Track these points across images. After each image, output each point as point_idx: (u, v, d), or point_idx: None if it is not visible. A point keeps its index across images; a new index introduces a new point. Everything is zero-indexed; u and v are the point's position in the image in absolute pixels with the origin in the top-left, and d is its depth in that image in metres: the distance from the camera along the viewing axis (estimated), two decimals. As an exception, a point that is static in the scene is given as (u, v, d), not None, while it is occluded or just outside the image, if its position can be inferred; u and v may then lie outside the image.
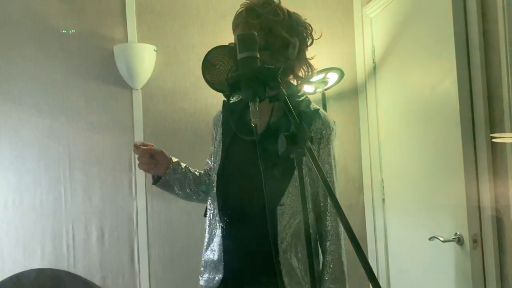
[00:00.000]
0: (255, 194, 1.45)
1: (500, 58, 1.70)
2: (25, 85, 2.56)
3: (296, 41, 1.49)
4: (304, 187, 1.06)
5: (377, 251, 2.60)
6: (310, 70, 1.58)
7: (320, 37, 1.59)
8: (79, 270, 2.52)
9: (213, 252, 1.55)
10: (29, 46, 2.57)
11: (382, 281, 2.54)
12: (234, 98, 1.47)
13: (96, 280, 2.53)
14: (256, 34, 1.16)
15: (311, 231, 1.46)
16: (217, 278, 1.52)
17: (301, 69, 1.56)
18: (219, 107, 1.68)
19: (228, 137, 1.57)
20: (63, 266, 2.51)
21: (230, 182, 1.54)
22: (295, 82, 1.58)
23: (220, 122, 1.61)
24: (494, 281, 1.75)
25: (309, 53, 1.59)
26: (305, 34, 1.55)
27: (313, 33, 1.57)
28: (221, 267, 1.51)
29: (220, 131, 1.61)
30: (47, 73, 2.57)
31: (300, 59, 1.54)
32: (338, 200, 1.00)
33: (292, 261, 1.47)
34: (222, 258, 1.51)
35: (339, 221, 1.51)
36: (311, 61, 1.60)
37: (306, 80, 1.59)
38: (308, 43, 1.56)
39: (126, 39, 2.60)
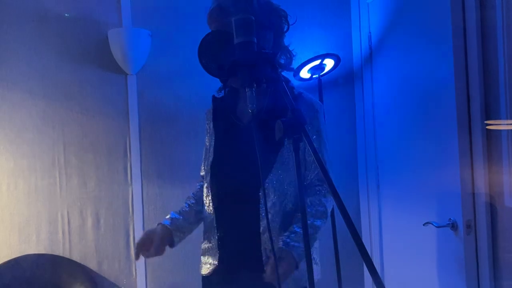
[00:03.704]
0: (247, 183, 1.49)
1: (497, 45, 1.70)
2: (19, 70, 2.53)
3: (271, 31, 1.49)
4: (300, 172, 1.07)
5: (371, 237, 2.63)
6: (289, 57, 1.59)
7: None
8: (75, 256, 2.53)
9: (209, 240, 1.59)
10: (23, 30, 2.53)
11: (376, 266, 2.57)
12: (222, 92, 1.53)
13: (92, 265, 2.54)
14: (253, 18, 1.15)
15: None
16: (214, 264, 1.56)
17: (282, 56, 1.57)
18: (215, 92, 1.68)
19: (220, 131, 1.61)
20: (59, 251, 2.52)
21: (223, 173, 1.57)
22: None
23: (211, 116, 1.66)
24: (486, 266, 1.77)
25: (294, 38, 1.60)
26: (280, 22, 1.54)
27: (288, 18, 1.56)
28: (217, 255, 1.55)
29: (211, 125, 1.65)
30: (41, 57, 2.54)
31: (279, 47, 1.54)
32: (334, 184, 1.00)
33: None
34: (217, 246, 1.55)
35: (326, 194, 1.55)
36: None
37: (286, 67, 1.59)
38: (285, 29, 1.56)
39: (120, 24, 2.57)
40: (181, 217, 1.64)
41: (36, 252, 2.50)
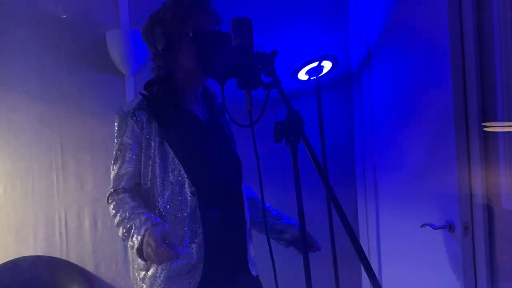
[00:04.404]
0: (230, 180, 1.56)
1: (493, 48, 1.70)
2: (17, 71, 2.53)
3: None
4: (298, 173, 1.07)
5: (369, 238, 2.63)
6: None
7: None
8: (72, 257, 2.52)
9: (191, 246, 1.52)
10: (20, 31, 2.53)
11: (374, 268, 2.57)
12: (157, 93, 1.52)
13: (89, 267, 2.53)
14: (251, 20, 1.15)
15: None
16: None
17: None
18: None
19: (177, 130, 1.50)
20: (56, 253, 2.51)
21: (205, 174, 1.52)
22: None
23: (146, 117, 1.49)
24: (484, 267, 1.78)
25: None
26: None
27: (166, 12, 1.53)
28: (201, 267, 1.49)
29: (144, 126, 1.49)
30: (38, 58, 2.54)
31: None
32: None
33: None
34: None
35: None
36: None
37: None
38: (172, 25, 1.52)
39: (118, 25, 2.56)
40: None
41: (33, 254, 2.49)
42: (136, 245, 1.36)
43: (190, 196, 1.47)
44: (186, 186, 1.47)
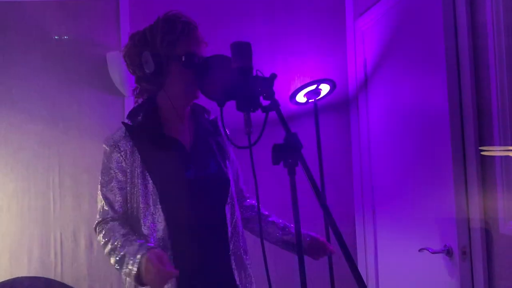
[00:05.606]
0: (215, 201, 1.53)
1: (489, 72, 1.73)
2: (18, 90, 2.55)
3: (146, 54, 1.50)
4: (296, 196, 1.07)
5: (367, 262, 2.61)
6: None
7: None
8: (66, 279, 2.49)
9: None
10: (22, 51, 2.56)
11: (371, 293, 2.54)
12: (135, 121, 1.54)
13: (84, 289, 2.50)
14: (250, 43, 1.17)
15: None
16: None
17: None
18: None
19: (152, 163, 1.50)
20: (50, 274, 2.48)
21: (188, 201, 1.50)
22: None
23: (129, 146, 1.51)
24: (482, 293, 1.76)
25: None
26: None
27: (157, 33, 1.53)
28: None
29: (127, 157, 1.51)
30: (39, 78, 2.56)
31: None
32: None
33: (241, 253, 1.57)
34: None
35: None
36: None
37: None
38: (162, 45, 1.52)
39: (119, 46, 2.60)
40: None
41: (27, 274, 2.46)
42: (133, 272, 1.36)
43: (161, 225, 1.47)
44: (158, 214, 1.47)
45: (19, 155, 2.53)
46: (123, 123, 1.56)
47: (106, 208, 1.51)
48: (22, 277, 2.41)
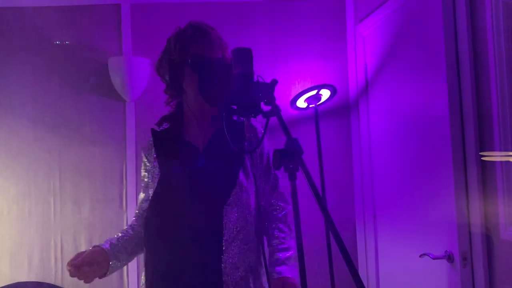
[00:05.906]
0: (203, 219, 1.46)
1: (489, 78, 1.73)
2: (19, 95, 2.56)
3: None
4: (296, 201, 1.07)
5: (368, 267, 2.60)
6: None
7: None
8: (67, 283, 2.49)
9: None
10: (23, 56, 2.57)
11: (372, 298, 2.54)
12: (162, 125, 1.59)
13: (84, 294, 2.49)
14: (251, 49, 1.18)
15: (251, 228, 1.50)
16: None
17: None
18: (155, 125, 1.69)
19: (164, 165, 1.54)
20: (51, 279, 2.48)
21: (187, 207, 1.49)
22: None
23: (153, 151, 1.60)
24: (483, 299, 1.76)
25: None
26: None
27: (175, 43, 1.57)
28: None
29: (152, 160, 1.59)
30: (41, 83, 2.57)
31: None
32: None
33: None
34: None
35: (287, 213, 1.54)
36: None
37: None
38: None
39: (120, 52, 2.61)
40: (120, 244, 1.51)
41: (27, 279, 2.45)
42: None
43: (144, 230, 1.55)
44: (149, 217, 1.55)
45: (19, 159, 2.53)
46: (151, 129, 1.65)
47: (138, 204, 1.67)
48: (25, 282, 2.41)
